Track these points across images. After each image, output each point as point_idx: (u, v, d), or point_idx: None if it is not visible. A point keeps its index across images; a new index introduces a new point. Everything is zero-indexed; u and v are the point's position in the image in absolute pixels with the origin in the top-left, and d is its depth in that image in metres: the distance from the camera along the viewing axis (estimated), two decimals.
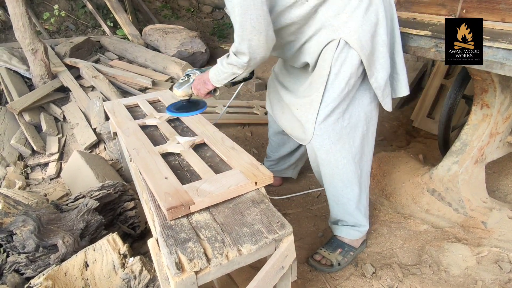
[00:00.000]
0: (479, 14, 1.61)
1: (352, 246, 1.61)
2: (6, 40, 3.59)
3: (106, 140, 2.38)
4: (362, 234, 1.61)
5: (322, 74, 1.34)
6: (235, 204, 1.13)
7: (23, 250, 1.27)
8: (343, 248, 1.59)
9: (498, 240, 1.66)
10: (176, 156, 1.38)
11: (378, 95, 1.38)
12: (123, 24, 4.11)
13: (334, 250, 1.59)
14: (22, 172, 2.20)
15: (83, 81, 3.02)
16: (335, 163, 1.45)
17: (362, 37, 1.26)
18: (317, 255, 1.59)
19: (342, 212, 1.57)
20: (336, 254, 1.57)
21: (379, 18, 1.28)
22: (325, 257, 1.57)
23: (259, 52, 1.24)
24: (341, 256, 1.57)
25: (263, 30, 1.18)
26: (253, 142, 2.59)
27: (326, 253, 1.58)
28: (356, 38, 1.26)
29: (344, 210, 1.56)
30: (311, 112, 1.39)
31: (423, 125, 2.87)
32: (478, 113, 1.76)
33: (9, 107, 2.43)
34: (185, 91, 1.61)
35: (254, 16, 1.15)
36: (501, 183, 2.13)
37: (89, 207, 1.45)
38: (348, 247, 1.60)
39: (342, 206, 1.56)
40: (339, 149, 1.42)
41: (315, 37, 1.32)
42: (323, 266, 1.55)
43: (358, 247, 1.62)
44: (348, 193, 1.51)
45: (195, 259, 0.91)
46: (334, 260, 1.56)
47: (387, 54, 1.34)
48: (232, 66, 1.33)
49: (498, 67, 1.25)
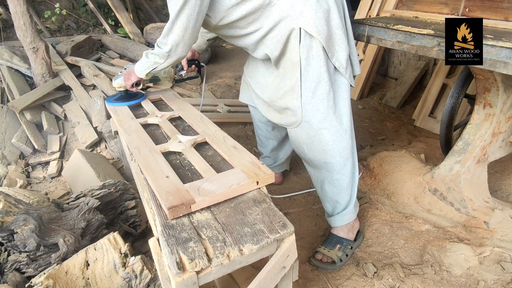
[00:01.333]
0: (482, 13, 1.60)
1: (349, 240, 1.65)
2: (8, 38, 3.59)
3: (107, 139, 2.38)
4: (355, 214, 1.67)
5: (293, 61, 1.42)
6: (236, 204, 1.12)
7: (24, 249, 1.27)
8: (341, 243, 1.62)
9: (500, 240, 1.66)
10: (178, 155, 1.37)
11: (341, 72, 1.49)
12: (124, 22, 4.11)
13: (333, 247, 1.62)
14: (23, 171, 2.20)
15: (84, 79, 3.02)
16: (325, 141, 1.51)
17: (318, 24, 1.37)
18: (318, 254, 1.61)
19: (338, 190, 1.60)
20: (336, 250, 1.60)
21: (329, 4, 1.40)
22: (325, 255, 1.59)
23: (181, 47, 1.39)
24: (341, 252, 1.60)
25: (190, 29, 1.34)
26: (254, 141, 2.58)
27: (326, 251, 1.61)
28: (313, 25, 1.36)
29: (339, 187, 1.59)
30: (295, 97, 1.47)
31: (425, 124, 2.86)
32: (481, 112, 1.75)
33: (10, 106, 2.43)
34: (119, 82, 1.77)
35: (187, 14, 1.29)
36: (503, 183, 2.12)
37: (90, 206, 1.45)
38: (346, 241, 1.64)
39: (337, 183, 1.59)
40: (327, 127, 1.49)
41: (276, 28, 1.40)
42: (326, 264, 1.57)
43: (355, 240, 1.67)
44: (342, 168, 1.56)
45: (196, 259, 0.91)
46: (335, 256, 1.58)
47: (344, 36, 1.45)
48: (154, 56, 1.46)
49: (501, 66, 1.24)
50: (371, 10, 3.20)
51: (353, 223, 1.68)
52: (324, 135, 1.50)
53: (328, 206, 1.67)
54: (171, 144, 1.41)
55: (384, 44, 1.61)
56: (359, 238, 1.71)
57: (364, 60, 3.30)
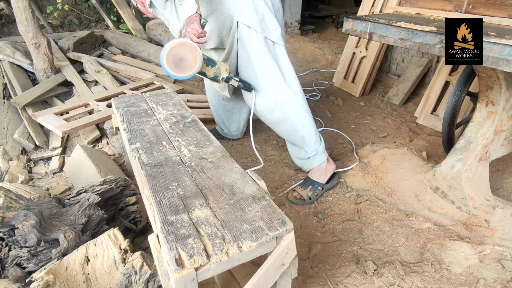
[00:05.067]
0: (486, 10, 1.59)
1: (320, 182, 1.97)
2: (10, 34, 3.60)
3: (109, 135, 2.39)
4: (323, 158, 1.96)
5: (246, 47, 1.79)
6: (236, 201, 1.12)
7: (24, 244, 1.27)
8: (313, 185, 1.95)
9: (501, 238, 1.65)
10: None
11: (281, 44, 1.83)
12: (127, 18, 4.11)
13: (306, 187, 1.95)
14: (25, 166, 2.21)
15: (86, 75, 3.03)
16: (281, 102, 1.82)
17: (247, 13, 1.71)
18: (294, 192, 1.97)
19: (301, 140, 1.90)
20: (307, 190, 1.94)
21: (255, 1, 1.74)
22: (299, 193, 1.95)
23: None
24: (311, 192, 1.94)
25: None
26: (255, 137, 2.58)
27: (300, 190, 1.96)
28: (244, 16, 1.72)
29: (305, 135, 1.89)
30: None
31: (427, 122, 2.85)
32: (483, 110, 1.74)
33: (13, 102, 2.43)
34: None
35: None
36: (505, 181, 2.11)
37: (91, 202, 1.45)
38: (317, 183, 1.96)
39: (299, 133, 1.88)
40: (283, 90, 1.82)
41: (213, 16, 1.74)
42: (298, 200, 1.93)
43: (325, 183, 1.98)
44: (301, 118, 1.86)
45: (195, 256, 0.91)
46: (305, 195, 1.92)
47: (273, 16, 1.77)
48: None
49: (504, 64, 1.23)
50: (373, 7, 3.18)
51: (326, 167, 1.96)
52: (282, 97, 1.82)
53: (297, 150, 1.98)
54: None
55: (387, 41, 1.60)
56: (334, 180, 2.02)
57: (366, 57, 3.29)
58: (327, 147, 2.43)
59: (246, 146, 2.51)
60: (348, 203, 1.97)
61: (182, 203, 1.11)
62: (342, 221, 1.84)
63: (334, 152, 2.47)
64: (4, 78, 2.70)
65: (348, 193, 2.04)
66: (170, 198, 1.14)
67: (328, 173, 1.98)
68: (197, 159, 1.37)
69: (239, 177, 1.25)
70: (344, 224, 1.82)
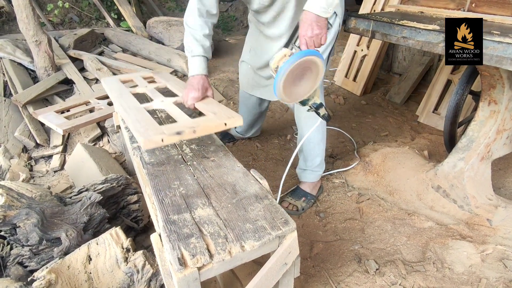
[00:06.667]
0: (489, 8, 1.58)
1: (313, 195, 1.98)
2: (10, 31, 3.59)
3: (110, 133, 2.38)
4: (320, 176, 2.00)
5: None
6: (238, 200, 1.12)
7: (26, 243, 1.27)
8: (306, 197, 1.95)
9: (503, 237, 1.65)
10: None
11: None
12: (127, 16, 4.09)
13: (299, 199, 1.94)
14: (26, 164, 2.21)
15: (87, 73, 3.02)
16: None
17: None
18: (284, 202, 1.92)
19: (314, 153, 1.91)
20: (301, 201, 1.92)
21: None
22: (291, 203, 1.91)
23: None
24: (304, 203, 1.92)
25: None
26: (257, 137, 2.58)
27: (293, 201, 1.93)
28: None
29: (316, 151, 1.91)
30: None
31: (429, 120, 2.84)
32: (485, 109, 1.73)
33: (13, 100, 2.43)
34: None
35: None
36: (507, 180, 2.11)
37: (93, 201, 1.45)
38: (310, 196, 1.96)
39: (312, 149, 1.90)
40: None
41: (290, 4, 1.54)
42: (291, 211, 1.88)
43: (316, 194, 2.00)
44: (316, 137, 1.88)
45: (197, 255, 0.91)
46: (299, 206, 1.90)
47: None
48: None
49: (508, 62, 1.22)
50: (375, 5, 3.17)
51: (317, 182, 2.01)
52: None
53: (303, 160, 1.97)
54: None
55: (389, 39, 1.60)
56: (319, 191, 2.04)
57: (368, 55, 3.28)
58: (328, 146, 2.43)
59: (248, 145, 2.50)
60: (350, 202, 1.97)
61: (184, 202, 1.11)
62: (344, 220, 1.84)
63: (335, 151, 2.47)
64: (4, 76, 2.69)
65: (350, 192, 2.03)
66: (172, 197, 1.13)
67: (318, 186, 2.03)
68: (199, 157, 1.37)
69: (242, 176, 1.25)
70: (345, 223, 1.82)
